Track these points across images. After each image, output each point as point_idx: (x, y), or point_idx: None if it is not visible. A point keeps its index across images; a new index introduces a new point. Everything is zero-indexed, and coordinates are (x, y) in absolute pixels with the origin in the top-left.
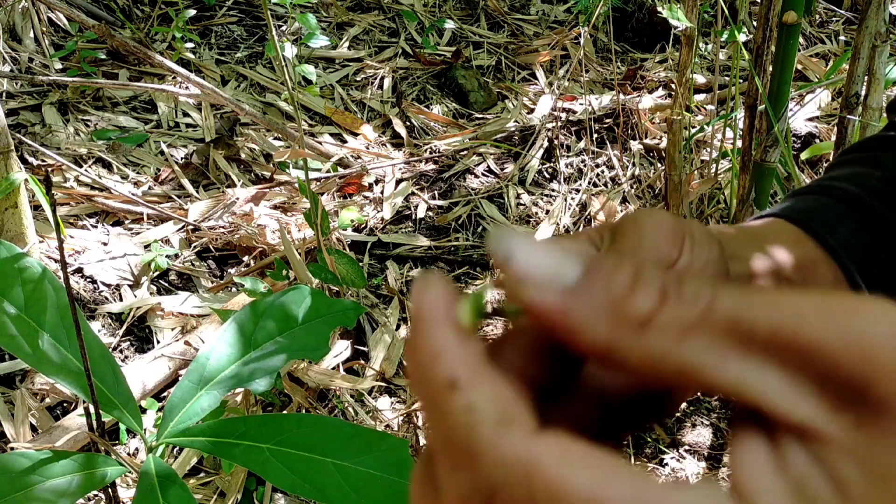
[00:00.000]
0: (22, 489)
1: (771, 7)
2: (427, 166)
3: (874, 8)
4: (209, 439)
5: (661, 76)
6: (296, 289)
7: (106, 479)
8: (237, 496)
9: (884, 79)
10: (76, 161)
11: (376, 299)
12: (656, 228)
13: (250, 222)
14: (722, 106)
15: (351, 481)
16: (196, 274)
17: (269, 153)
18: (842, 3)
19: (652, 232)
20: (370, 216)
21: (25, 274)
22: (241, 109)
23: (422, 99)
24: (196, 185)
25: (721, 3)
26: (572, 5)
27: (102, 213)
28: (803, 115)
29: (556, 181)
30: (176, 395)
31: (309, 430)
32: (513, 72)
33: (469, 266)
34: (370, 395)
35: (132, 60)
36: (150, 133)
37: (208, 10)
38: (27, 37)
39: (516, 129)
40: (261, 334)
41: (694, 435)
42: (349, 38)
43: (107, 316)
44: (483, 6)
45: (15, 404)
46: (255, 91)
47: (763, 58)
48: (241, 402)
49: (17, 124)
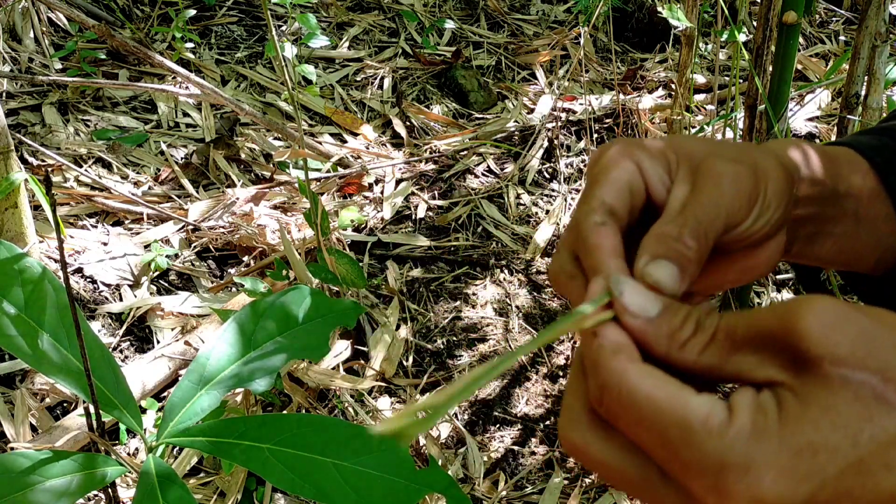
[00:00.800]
0: (22, 489)
1: (771, 7)
2: (427, 166)
3: (874, 8)
4: (209, 439)
5: (661, 76)
6: (296, 289)
7: (106, 479)
8: (237, 496)
9: (884, 79)
10: (76, 161)
11: (376, 299)
12: (735, 193)
13: (250, 222)
14: (722, 106)
15: (351, 481)
16: (196, 274)
17: (269, 153)
18: (842, 3)
19: (731, 196)
20: (370, 216)
21: (25, 274)
22: (241, 109)
23: (422, 99)
24: (196, 185)
25: (721, 3)
26: (572, 5)
27: (102, 213)
28: (803, 115)
29: (556, 181)
30: (176, 395)
31: (309, 430)
32: (513, 72)
33: (469, 266)
34: (370, 395)
35: (132, 60)
36: (150, 133)
37: (208, 10)
38: (27, 37)
39: (516, 129)
40: (261, 334)
41: None
42: (349, 38)
43: (107, 316)
44: (483, 6)
45: (15, 404)
46: (255, 91)
47: (763, 58)
48: (241, 402)
49: (17, 124)
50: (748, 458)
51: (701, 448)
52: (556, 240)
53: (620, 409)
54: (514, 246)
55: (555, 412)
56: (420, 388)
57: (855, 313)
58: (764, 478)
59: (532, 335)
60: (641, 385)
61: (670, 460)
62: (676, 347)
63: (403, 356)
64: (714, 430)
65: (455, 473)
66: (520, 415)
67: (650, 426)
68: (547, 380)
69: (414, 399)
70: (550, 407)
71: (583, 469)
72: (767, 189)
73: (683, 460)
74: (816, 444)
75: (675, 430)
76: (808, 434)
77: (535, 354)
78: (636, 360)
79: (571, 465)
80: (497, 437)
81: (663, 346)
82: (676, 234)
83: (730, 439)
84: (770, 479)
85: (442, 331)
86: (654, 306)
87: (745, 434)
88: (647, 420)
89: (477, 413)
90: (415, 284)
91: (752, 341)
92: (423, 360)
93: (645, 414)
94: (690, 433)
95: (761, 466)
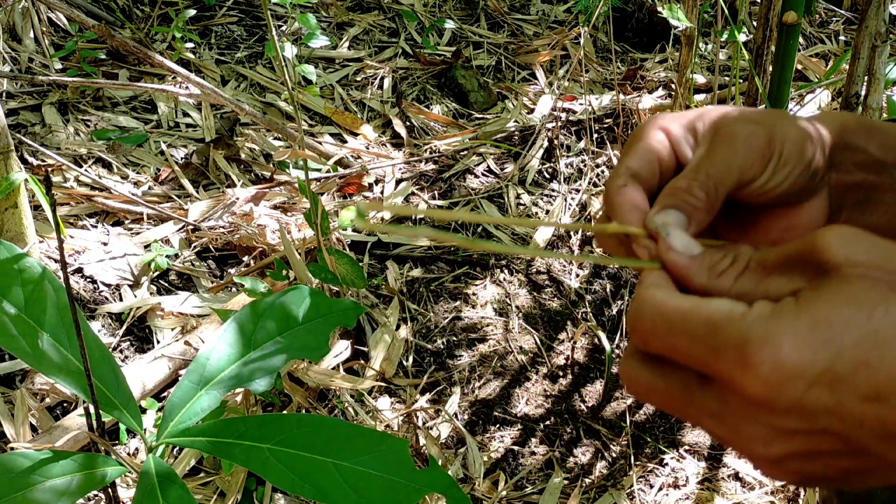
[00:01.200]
0: (22, 489)
1: (771, 7)
2: (427, 166)
3: (874, 8)
4: (209, 439)
5: (661, 76)
6: (296, 289)
7: (106, 479)
8: (237, 496)
9: (884, 79)
10: (76, 161)
11: (376, 299)
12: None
13: (250, 222)
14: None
15: (351, 481)
16: (196, 274)
17: (269, 153)
18: (842, 3)
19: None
20: (370, 216)
21: (25, 274)
22: (241, 109)
23: (422, 99)
24: (196, 185)
25: (721, 3)
26: (572, 5)
27: (102, 213)
28: (803, 115)
29: (556, 181)
30: (176, 395)
31: (309, 430)
32: (513, 72)
33: (469, 266)
34: (370, 395)
35: (132, 60)
36: (150, 133)
37: (208, 10)
38: (27, 37)
39: (516, 129)
40: (261, 334)
41: (694, 435)
42: (349, 38)
43: (107, 316)
44: (483, 6)
45: (15, 404)
46: (255, 91)
47: (763, 58)
48: (241, 402)
49: (17, 124)
50: (768, 332)
51: (725, 332)
52: (556, 240)
53: (654, 327)
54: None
55: (555, 412)
56: (420, 388)
57: (871, 235)
58: (783, 346)
59: (532, 335)
60: (669, 301)
61: (701, 354)
62: (715, 277)
63: (403, 356)
64: (735, 318)
65: (455, 473)
66: (520, 415)
67: (681, 331)
68: (547, 380)
69: (414, 399)
70: (550, 407)
71: (582, 469)
72: (783, 149)
73: (711, 347)
74: (832, 317)
75: (701, 327)
76: (823, 310)
77: (535, 354)
78: (666, 287)
79: (571, 465)
80: (497, 437)
81: (703, 277)
82: (686, 186)
83: (750, 321)
84: (789, 347)
85: (442, 331)
86: (697, 247)
87: (764, 316)
88: (677, 327)
89: (477, 413)
90: (415, 284)
91: (781, 266)
92: (423, 360)
93: (674, 322)
94: (715, 325)
95: (780, 337)
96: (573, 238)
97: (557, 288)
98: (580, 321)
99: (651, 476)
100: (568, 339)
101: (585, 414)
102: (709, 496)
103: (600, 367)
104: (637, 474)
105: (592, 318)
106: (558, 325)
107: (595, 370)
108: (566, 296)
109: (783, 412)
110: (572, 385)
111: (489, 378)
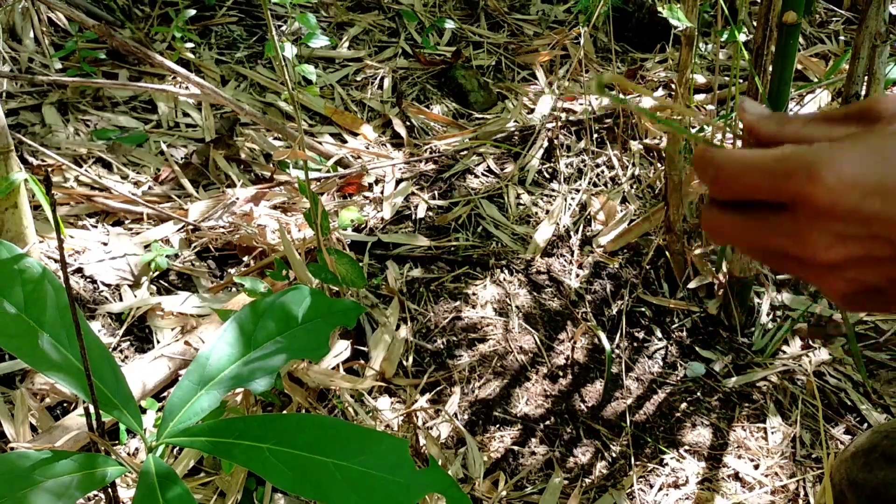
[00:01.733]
0: (22, 489)
1: (771, 7)
2: (427, 166)
3: (874, 8)
4: (209, 439)
5: (661, 76)
6: (296, 289)
7: (106, 478)
8: (237, 496)
9: (884, 79)
10: (76, 161)
11: (376, 299)
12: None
13: (250, 222)
14: (722, 106)
15: (351, 481)
16: (196, 274)
17: (269, 153)
18: (842, 3)
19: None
20: (370, 216)
21: (25, 274)
22: (241, 109)
23: (422, 99)
24: (196, 185)
25: (721, 3)
26: (572, 5)
27: (102, 213)
28: None
29: (556, 181)
30: (176, 395)
31: (309, 430)
32: (513, 72)
33: (469, 266)
34: (370, 395)
35: (132, 60)
36: (150, 133)
37: (208, 10)
38: (27, 37)
39: (516, 129)
40: (261, 334)
41: (694, 435)
42: (349, 38)
43: (107, 316)
44: (483, 6)
45: (15, 404)
46: (255, 91)
47: (763, 58)
48: (241, 402)
49: (17, 124)
50: (830, 155)
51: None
52: (556, 240)
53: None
54: (514, 246)
55: (555, 412)
56: (420, 388)
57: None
58: (844, 164)
59: (532, 335)
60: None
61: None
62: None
63: (403, 356)
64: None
65: (455, 473)
66: (520, 415)
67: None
68: (547, 380)
69: (414, 399)
70: (550, 407)
71: (582, 469)
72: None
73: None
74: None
75: (773, 162)
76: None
77: (535, 354)
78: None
79: (571, 465)
80: (497, 437)
81: (772, 126)
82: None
83: (814, 148)
84: (849, 165)
85: (442, 331)
86: (766, 110)
87: (825, 145)
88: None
89: (477, 413)
90: (415, 284)
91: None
92: (423, 360)
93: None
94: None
95: (841, 157)
96: (573, 238)
97: (557, 288)
98: (580, 321)
99: (651, 476)
100: (568, 339)
101: (585, 414)
102: (709, 496)
103: (600, 367)
104: (637, 474)
105: (592, 318)
106: (558, 325)
107: (595, 370)
108: (566, 296)
109: (842, 217)
110: (572, 385)
111: (489, 378)
